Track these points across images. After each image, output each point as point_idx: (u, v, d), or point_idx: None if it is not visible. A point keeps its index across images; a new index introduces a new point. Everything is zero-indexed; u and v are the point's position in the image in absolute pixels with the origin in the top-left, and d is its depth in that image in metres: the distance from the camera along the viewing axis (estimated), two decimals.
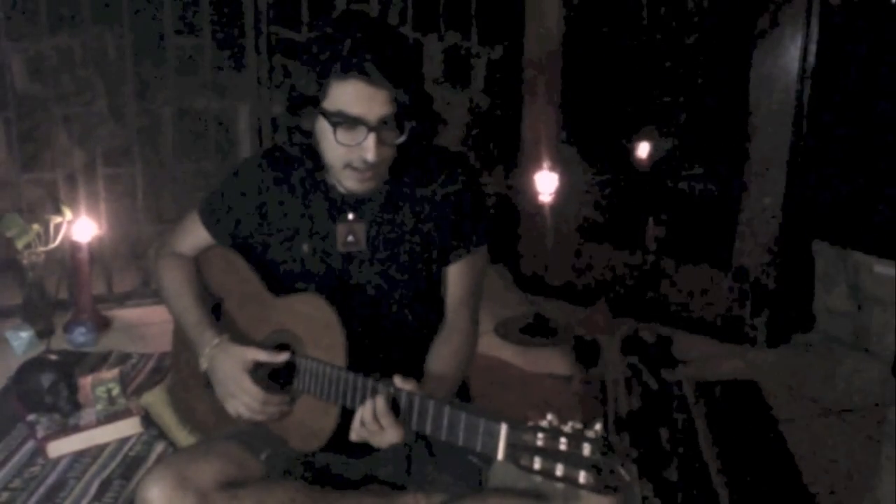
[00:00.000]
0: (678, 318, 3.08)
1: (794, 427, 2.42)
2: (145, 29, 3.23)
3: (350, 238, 1.59)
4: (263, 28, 3.25)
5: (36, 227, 2.92)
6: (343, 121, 1.42)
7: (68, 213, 2.97)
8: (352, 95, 1.41)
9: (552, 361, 2.85)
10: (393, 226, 1.59)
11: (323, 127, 1.46)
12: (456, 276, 1.63)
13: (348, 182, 1.51)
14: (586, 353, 2.85)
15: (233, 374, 1.53)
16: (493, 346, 2.94)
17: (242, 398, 1.52)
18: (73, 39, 3.34)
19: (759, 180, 2.85)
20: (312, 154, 1.53)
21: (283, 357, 1.53)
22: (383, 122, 1.42)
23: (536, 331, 3.06)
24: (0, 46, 3.01)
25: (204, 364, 1.60)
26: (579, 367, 2.78)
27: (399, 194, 1.59)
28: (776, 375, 2.75)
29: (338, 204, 1.59)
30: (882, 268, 2.79)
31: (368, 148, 1.43)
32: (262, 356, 1.54)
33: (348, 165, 1.47)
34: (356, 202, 1.59)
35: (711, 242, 3.07)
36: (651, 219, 2.96)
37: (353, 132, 1.43)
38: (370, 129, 1.42)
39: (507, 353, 2.90)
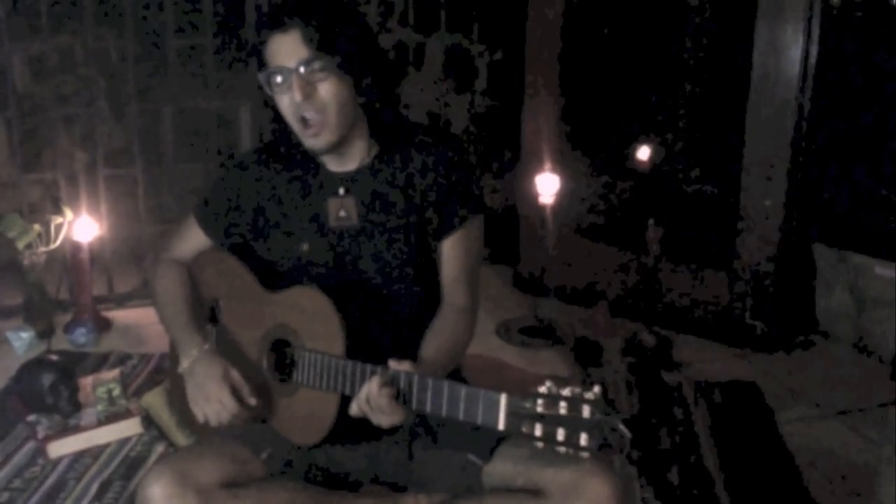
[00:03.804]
0: (679, 319, 3.07)
1: (794, 428, 2.41)
2: (146, 29, 3.24)
3: (342, 213, 1.60)
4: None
5: (37, 227, 2.92)
6: (273, 75, 1.50)
7: (69, 214, 2.97)
8: (273, 51, 1.49)
9: (552, 363, 2.85)
10: (384, 201, 1.60)
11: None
12: (450, 251, 1.62)
13: (306, 140, 1.54)
14: (587, 355, 2.84)
15: (214, 381, 1.55)
16: (493, 347, 2.94)
17: (214, 406, 1.55)
18: (74, 40, 3.34)
19: (760, 182, 2.84)
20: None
21: (253, 401, 1.56)
22: (305, 63, 1.47)
23: (537, 332, 3.06)
24: (1, 47, 3.02)
25: (185, 363, 1.61)
26: (579, 368, 2.78)
27: (389, 170, 1.61)
28: (776, 377, 2.75)
29: (329, 181, 1.61)
30: (882, 269, 2.79)
31: (294, 90, 1.48)
32: (239, 383, 1.56)
33: (299, 120, 1.51)
34: (347, 178, 1.60)
35: (712, 244, 3.07)
36: (652, 220, 2.95)
37: (284, 83, 1.49)
38: (292, 72, 1.47)
39: (508, 354, 2.90)
